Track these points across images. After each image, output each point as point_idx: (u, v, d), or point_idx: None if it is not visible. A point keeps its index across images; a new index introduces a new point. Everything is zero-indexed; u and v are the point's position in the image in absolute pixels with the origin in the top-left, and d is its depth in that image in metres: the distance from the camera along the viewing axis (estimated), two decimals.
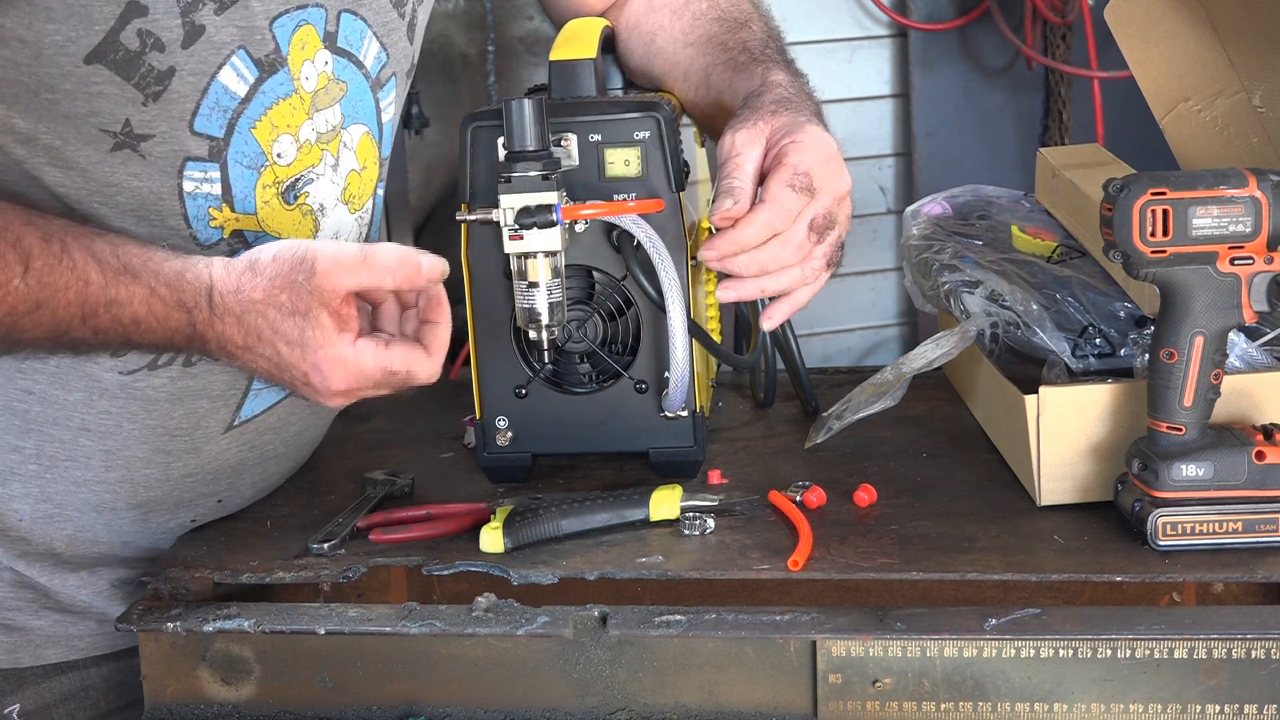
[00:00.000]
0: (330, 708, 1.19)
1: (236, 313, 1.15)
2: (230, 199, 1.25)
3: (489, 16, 3.51)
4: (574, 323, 1.36)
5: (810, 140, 1.25)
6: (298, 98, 1.26)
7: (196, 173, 1.23)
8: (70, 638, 1.38)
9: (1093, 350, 1.35)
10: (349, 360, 1.15)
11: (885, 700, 1.12)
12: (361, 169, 1.35)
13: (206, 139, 1.22)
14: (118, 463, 1.31)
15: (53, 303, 1.13)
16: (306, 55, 1.26)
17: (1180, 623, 1.11)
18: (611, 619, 1.15)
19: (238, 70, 1.21)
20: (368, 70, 1.33)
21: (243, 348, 1.16)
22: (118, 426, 1.30)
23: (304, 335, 1.15)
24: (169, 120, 1.19)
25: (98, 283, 1.14)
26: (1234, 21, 1.46)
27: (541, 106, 1.24)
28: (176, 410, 1.30)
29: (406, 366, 1.17)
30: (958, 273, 1.46)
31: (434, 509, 1.33)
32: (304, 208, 1.30)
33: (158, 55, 1.17)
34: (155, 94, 1.18)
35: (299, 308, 1.14)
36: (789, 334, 1.55)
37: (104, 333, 1.16)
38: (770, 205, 1.22)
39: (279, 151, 1.26)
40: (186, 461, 1.34)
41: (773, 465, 1.43)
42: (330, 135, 1.30)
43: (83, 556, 1.36)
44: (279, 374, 1.17)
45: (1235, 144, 1.51)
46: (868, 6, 3.62)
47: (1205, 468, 1.20)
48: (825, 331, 3.80)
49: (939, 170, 3.63)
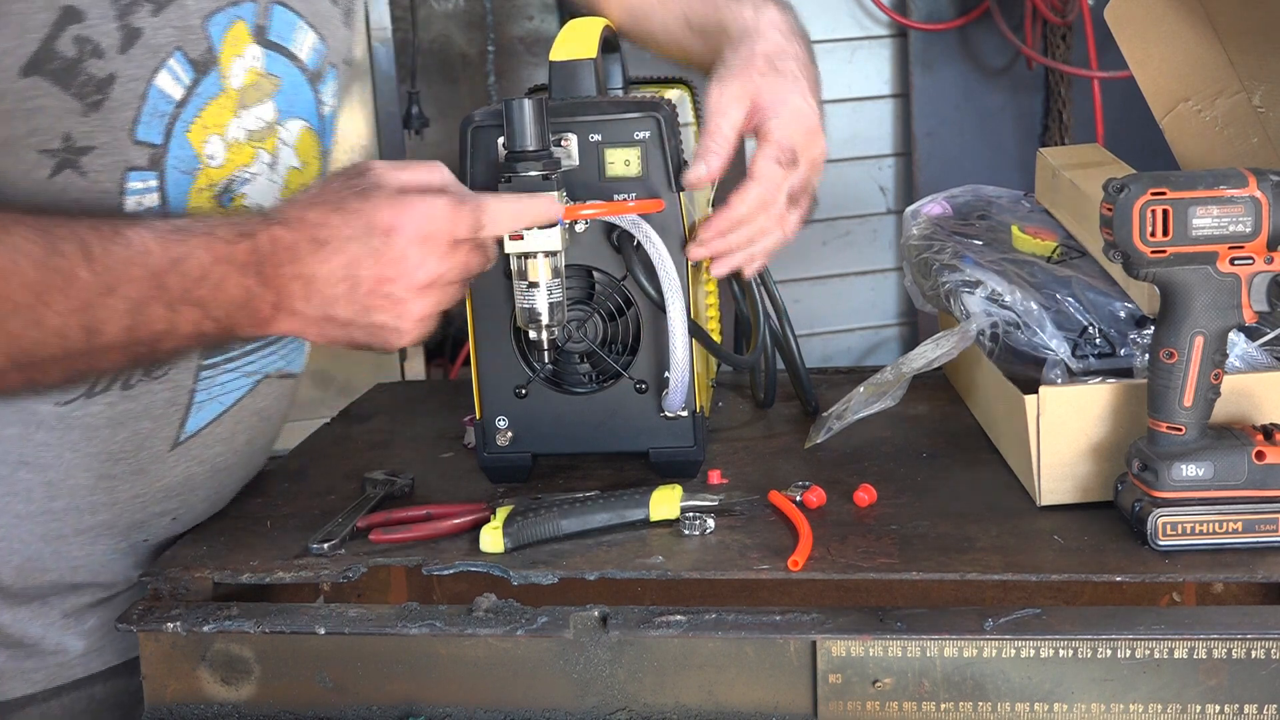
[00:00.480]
0: (330, 708, 1.19)
1: (295, 215, 1.10)
2: (166, 209, 1.21)
3: (489, 16, 3.51)
4: (574, 323, 1.36)
5: (793, 113, 1.30)
6: (225, 96, 1.23)
7: (138, 184, 1.19)
8: (25, 671, 1.33)
9: (1093, 350, 1.35)
10: (418, 200, 1.10)
11: (885, 700, 1.12)
12: (303, 165, 1.33)
13: (147, 147, 1.18)
14: (61, 493, 1.27)
15: (123, 283, 1.07)
16: (236, 51, 1.23)
17: (1180, 623, 1.11)
18: (611, 619, 1.15)
19: (174, 73, 1.18)
20: (303, 63, 1.30)
21: (312, 241, 1.09)
22: (58, 458, 1.25)
23: (369, 198, 1.10)
24: (110, 130, 1.16)
25: (158, 249, 1.07)
26: (1234, 21, 1.46)
27: (542, 106, 1.25)
28: (118, 434, 1.27)
29: (475, 198, 1.14)
30: (958, 273, 1.46)
31: (434, 509, 1.33)
32: (240, 211, 1.26)
33: (96, 62, 1.13)
34: (95, 103, 1.14)
35: (355, 186, 1.11)
36: (789, 334, 1.56)
37: (177, 305, 1.08)
38: (760, 182, 1.28)
39: (210, 153, 1.23)
40: (133, 483, 1.30)
41: (773, 465, 1.43)
42: (265, 132, 1.27)
43: (33, 587, 1.31)
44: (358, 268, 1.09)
45: (1235, 144, 1.51)
46: (868, 6, 3.62)
47: (1205, 468, 1.20)
48: (825, 331, 3.80)
49: (939, 170, 3.64)
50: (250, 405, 1.38)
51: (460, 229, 1.12)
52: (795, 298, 3.72)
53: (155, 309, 1.08)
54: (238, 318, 1.11)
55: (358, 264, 1.10)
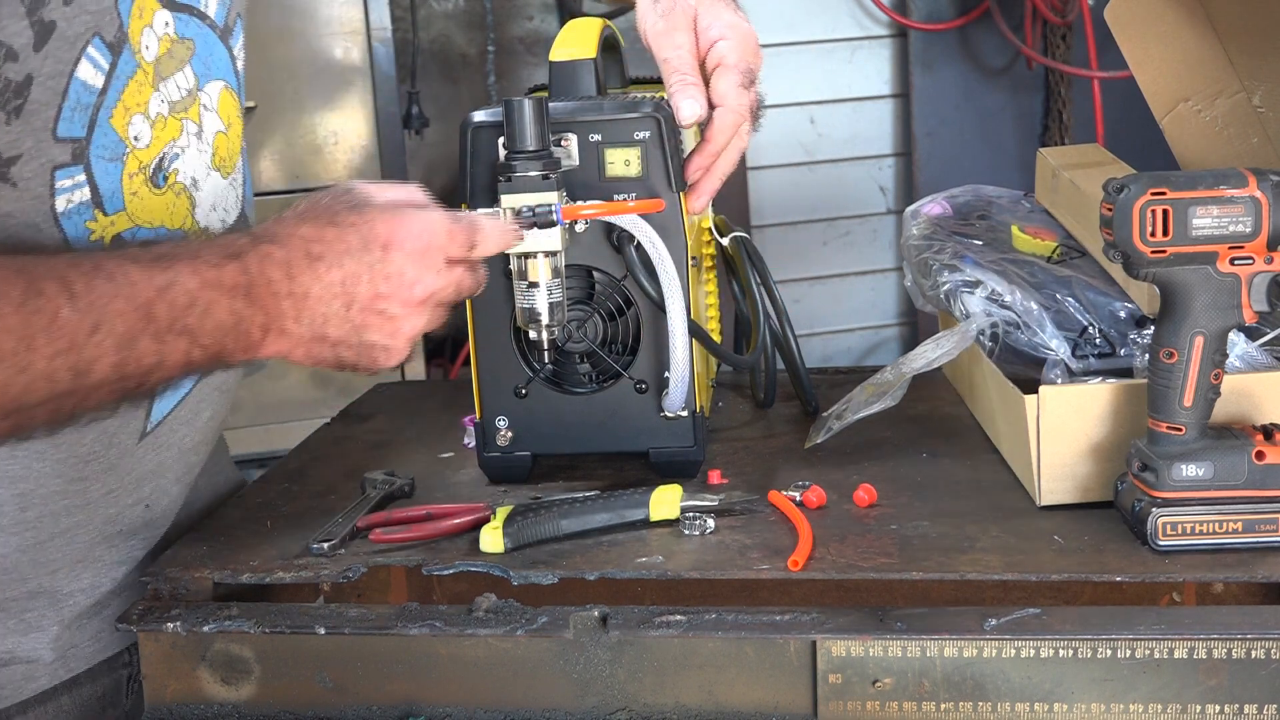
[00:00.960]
0: (330, 708, 1.19)
1: (285, 231, 1.08)
2: (100, 201, 1.16)
3: (489, 16, 3.51)
4: (574, 323, 1.36)
5: (736, 33, 1.35)
6: (141, 72, 1.17)
7: (66, 181, 1.13)
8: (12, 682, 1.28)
9: (1093, 350, 1.35)
10: (416, 214, 1.10)
11: (885, 700, 1.12)
12: (227, 127, 1.28)
13: (70, 142, 1.13)
14: (33, 502, 1.23)
15: (108, 318, 1.02)
16: (145, 22, 1.17)
17: (1180, 623, 1.11)
18: (611, 619, 1.15)
19: (94, 60, 1.12)
20: (213, 20, 1.25)
21: (306, 256, 1.07)
22: (26, 469, 1.21)
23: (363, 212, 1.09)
24: (33, 134, 1.10)
25: (142, 279, 1.03)
26: (1234, 21, 1.46)
27: (542, 106, 1.25)
28: (86, 436, 1.23)
29: (470, 216, 1.15)
30: (958, 273, 1.46)
31: (434, 509, 1.33)
32: (175, 187, 1.22)
33: (12, 66, 1.07)
34: (16, 109, 1.08)
35: (345, 201, 1.11)
36: (789, 334, 1.56)
37: (165, 336, 1.04)
38: (730, 109, 1.33)
39: (135, 134, 1.17)
40: (105, 480, 1.27)
41: (773, 465, 1.43)
42: (186, 101, 1.22)
43: (13, 599, 1.27)
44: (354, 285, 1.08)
45: (1235, 144, 1.51)
46: (868, 6, 3.62)
47: (1205, 468, 1.20)
48: (825, 331, 3.80)
49: (939, 170, 3.64)
50: (211, 381, 1.34)
51: (455, 246, 1.12)
52: (795, 298, 3.72)
53: (144, 342, 1.04)
54: (227, 343, 1.07)
55: (355, 279, 1.08)
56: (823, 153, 3.68)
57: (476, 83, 3.56)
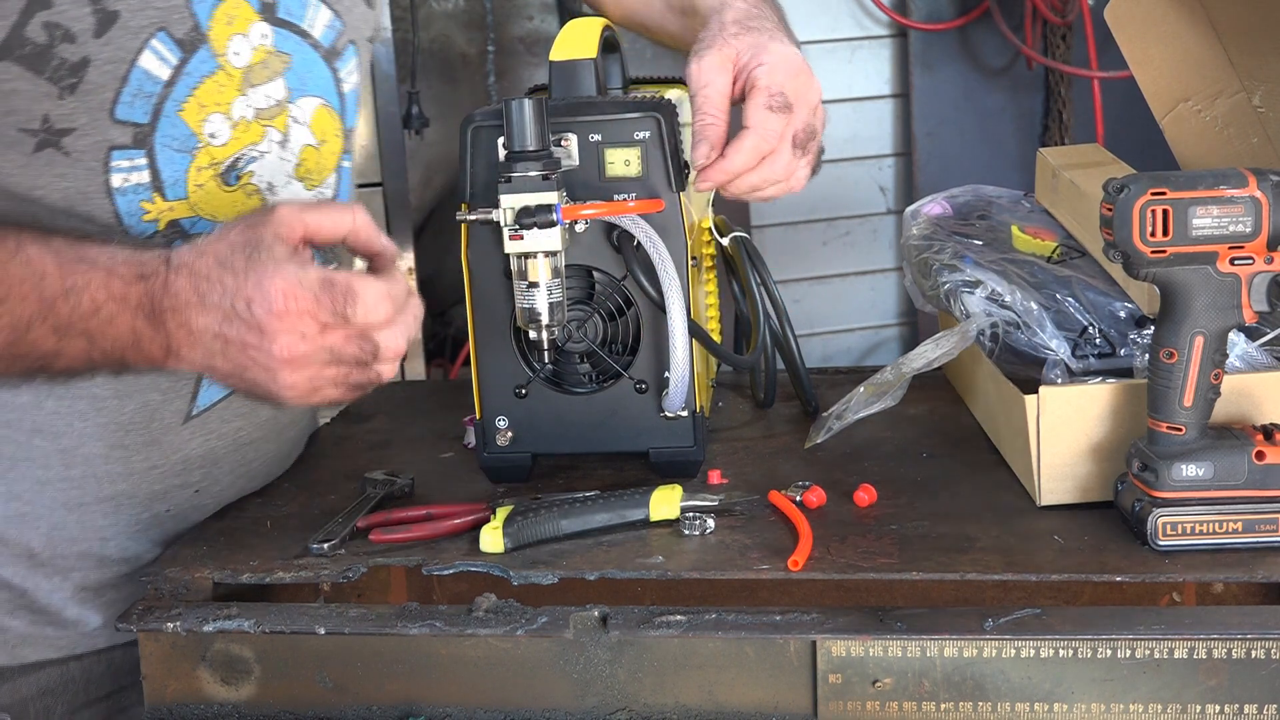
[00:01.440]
0: (330, 708, 1.19)
1: (189, 261, 1.10)
2: (160, 186, 1.23)
3: (489, 16, 3.51)
4: (574, 323, 1.36)
5: (777, 59, 1.28)
6: (224, 74, 1.24)
7: (123, 162, 1.20)
8: (46, 638, 1.36)
9: (1093, 350, 1.35)
10: (290, 274, 1.08)
11: (885, 700, 1.12)
12: (320, 143, 1.33)
13: (131, 126, 1.20)
14: (76, 460, 1.30)
15: (9, 299, 1.09)
16: (236, 29, 1.24)
17: (1180, 623, 1.11)
18: (611, 619, 1.15)
19: (158, 53, 1.19)
20: (316, 40, 1.31)
21: (195, 302, 1.09)
22: (69, 426, 1.29)
23: (250, 260, 1.09)
24: (89, 111, 1.17)
25: (54, 274, 1.10)
26: (1234, 21, 1.46)
27: (542, 106, 1.24)
28: (126, 405, 1.30)
29: (349, 282, 1.09)
30: (958, 273, 1.46)
31: (434, 509, 1.33)
32: (248, 188, 1.28)
33: (68, 46, 1.15)
34: (71, 85, 1.16)
35: (251, 239, 1.10)
36: (789, 334, 1.56)
37: (64, 330, 1.10)
38: (755, 131, 1.26)
39: (211, 131, 1.24)
40: (148, 454, 1.33)
41: (773, 465, 1.43)
42: (274, 110, 1.28)
43: (61, 556, 1.34)
44: (226, 327, 1.09)
45: (1235, 144, 1.50)
46: (868, 6, 3.62)
47: (1205, 468, 1.20)
48: (825, 331, 3.80)
49: (939, 170, 3.64)
50: None
51: (324, 312, 1.09)
52: (795, 298, 3.72)
53: (40, 330, 1.10)
54: (128, 354, 1.12)
55: (227, 323, 1.09)
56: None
57: (476, 83, 3.56)
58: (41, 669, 1.37)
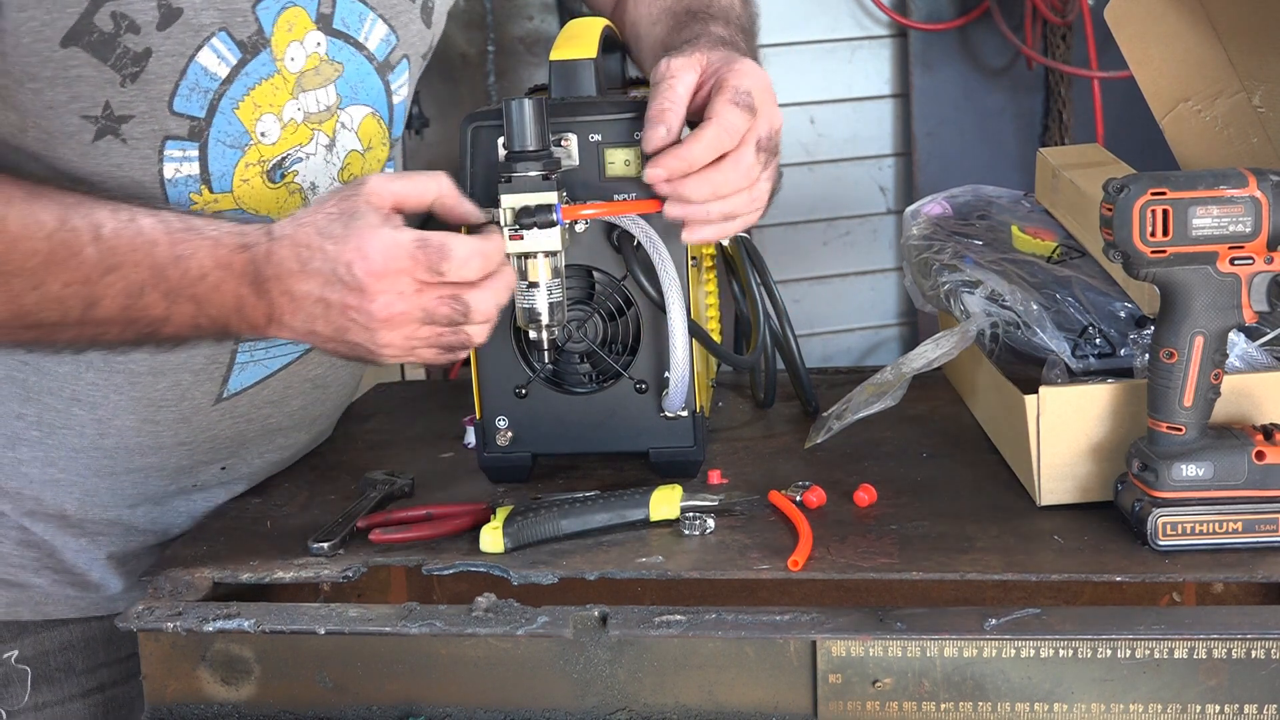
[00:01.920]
0: (330, 708, 1.19)
1: (290, 232, 1.16)
2: (208, 178, 1.27)
3: (489, 16, 3.51)
4: (574, 323, 1.36)
5: (748, 68, 1.26)
6: (280, 78, 1.28)
7: (176, 152, 1.25)
8: (70, 598, 1.42)
9: (1093, 350, 1.35)
10: (387, 235, 1.14)
11: (885, 700, 1.12)
12: (366, 149, 1.37)
13: (187, 119, 1.24)
14: (110, 430, 1.35)
15: (124, 266, 1.16)
16: (294, 36, 1.28)
17: (1180, 623, 1.11)
18: (611, 619, 1.15)
19: (218, 52, 1.23)
20: (371, 52, 1.34)
21: (296, 270, 1.16)
22: (105, 398, 1.33)
23: (348, 227, 1.15)
24: (148, 100, 1.22)
25: (164, 242, 1.16)
26: (1234, 21, 1.46)
27: (542, 106, 1.24)
28: (160, 383, 1.34)
29: (443, 240, 1.15)
30: (958, 273, 1.46)
31: (434, 509, 1.33)
32: (291, 186, 1.32)
33: (133, 37, 1.19)
34: (133, 74, 1.20)
35: (346, 209, 1.16)
36: (789, 334, 1.56)
37: (174, 295, 1.17)
38: (717, 122, 1.21)
39: (262, 130, 1.28)
40: (177, 430, 1.37)
41: (773, 465, 1.43)
42: (323, 115, 1.32)
43: (93, 520, 1.40)
44: (328, 291, 1.15)
45: (1235, 144, 1.50)
46: (868, 6, 3.62)
47: (1205, 468, 1.20)
48: (825, 331, 3.80)
49: (939, 170, 3.63)
50: (300, 372, 1.42)
51: (420, 270, 1.15)
52: (795, 298, 3.72)
53: (152, 295, 1.17)
54: (232, 320, 1.18)
55: (329, 287, 1.15)
56: (823, 153, 3.67)
57: (476, 83, 3.56)
58: (65, 625, 1.42)
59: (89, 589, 1.42)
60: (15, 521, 1.38)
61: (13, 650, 1.40)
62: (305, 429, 1.49)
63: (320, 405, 1.49)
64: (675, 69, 1.26)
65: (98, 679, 1.45)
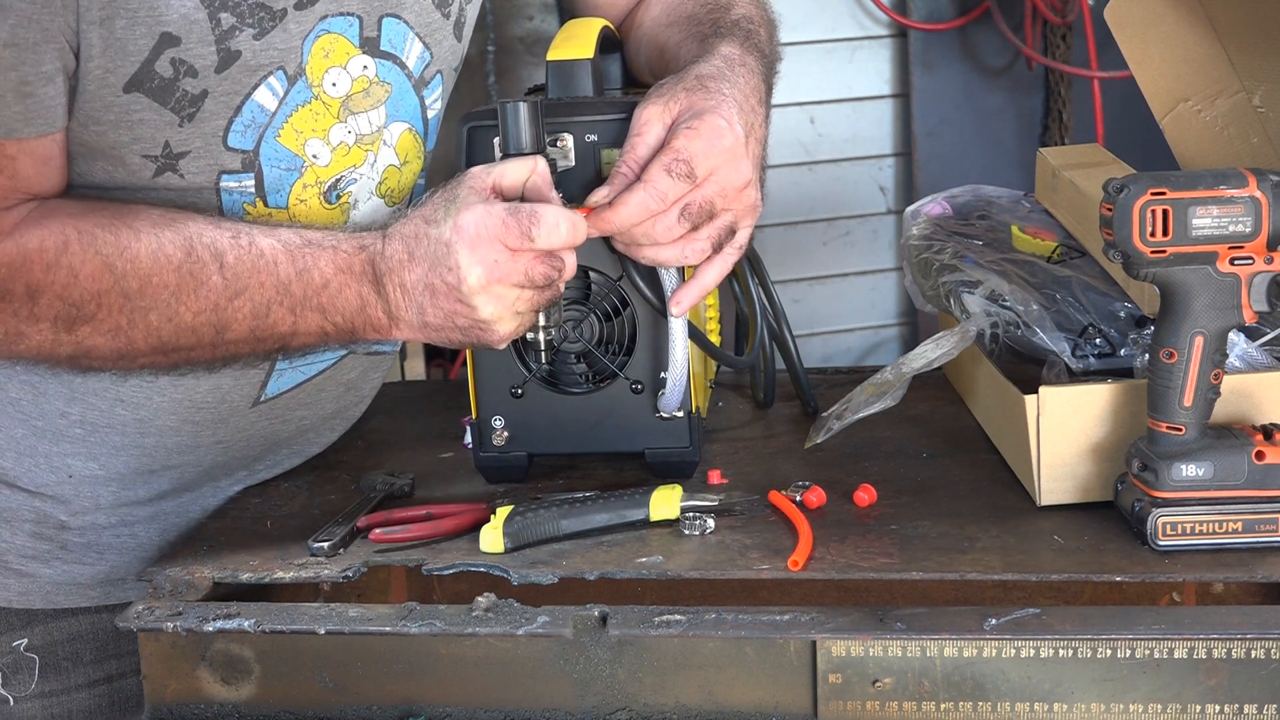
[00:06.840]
0: (330, 708, 1.19)
1: (399, 228, 1.21)
2: (263, 194, 1.30)
3: (489, 16, 3.50)
4: (570, 323, 1.35)
5: (707, 129, 1.23)
6: (320, 103, 1.30)
7: (232, 183, 1.29)
8: (80, 587, 1.44)
9: (1093, 350, 1.35)
10: (479, 208, 1.18)
11: (885, 700, 1.12)
12: (402, 164, 1.40)
13: (240, 153, 1.28)
14: (150, 430, 1.39)
15: (249, 289, 1.21)
16: (333, 62, 1.30)
17: (1180, 623, 1.11)
18: (611, 619, 1.15)
19: (272, 88, 1.27)
20: (410, 70, 1.37)
21: (406, 260, 1.20)
22: (148, 399, 1.37)
23: (448, 210, 1.19)
24: (203, 137, 1.26)
25: (284, 260, 1.22)
26: (1234, 21, 1.46)
27: (537, 109, 1.24)
28: (201, 385, 1.37)
29: (532, 208, 1.18)
30: (958, 273, 1.46)
31: (434, 509, 1.33)
32: (344, 205, 1.36)
33: (190, 80, 1.23)
34: (189, 115, 1.24)
35: (448, 196, 1.20)
36: (788, 334, 1.55)
37: (299, 307, 1.22)
38: (644, 187, 1.22)
39: (314, 153, 1.31)
40: (216, 430, 1.42)
41: (773, 465, 1.43)
42: (373, 136, 1.35)
43: (123, 507, 1.43)
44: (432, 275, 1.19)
45: (1235, 144, 1.50)
46: (868, 6, 3.62)
47: (1205, 468, 1.20)
48: (825, 331, 3.80)
49: (939, 170, 3.63)
50: (335, 377, 1.46)
51: (511, 236, 1.17)
52: (795, 298, 3.72)
53: (279, 312, 1.22)
54: (357, 322, 1.23)
55: (433, 272, 1.19)
56: (823, 153, 3.67)
57: (476, 83, 3.56)
58: (75, 615, 1.45)
59: (101, 582, 1.45)
60: (30, 513, 1.41)
61: (22, 638, 1.43)
62: (332, 429, 1.54)
63: (351, 408, 1.54)
64: (644, 124, 1.25)
65: (104, 670, 1.47)
